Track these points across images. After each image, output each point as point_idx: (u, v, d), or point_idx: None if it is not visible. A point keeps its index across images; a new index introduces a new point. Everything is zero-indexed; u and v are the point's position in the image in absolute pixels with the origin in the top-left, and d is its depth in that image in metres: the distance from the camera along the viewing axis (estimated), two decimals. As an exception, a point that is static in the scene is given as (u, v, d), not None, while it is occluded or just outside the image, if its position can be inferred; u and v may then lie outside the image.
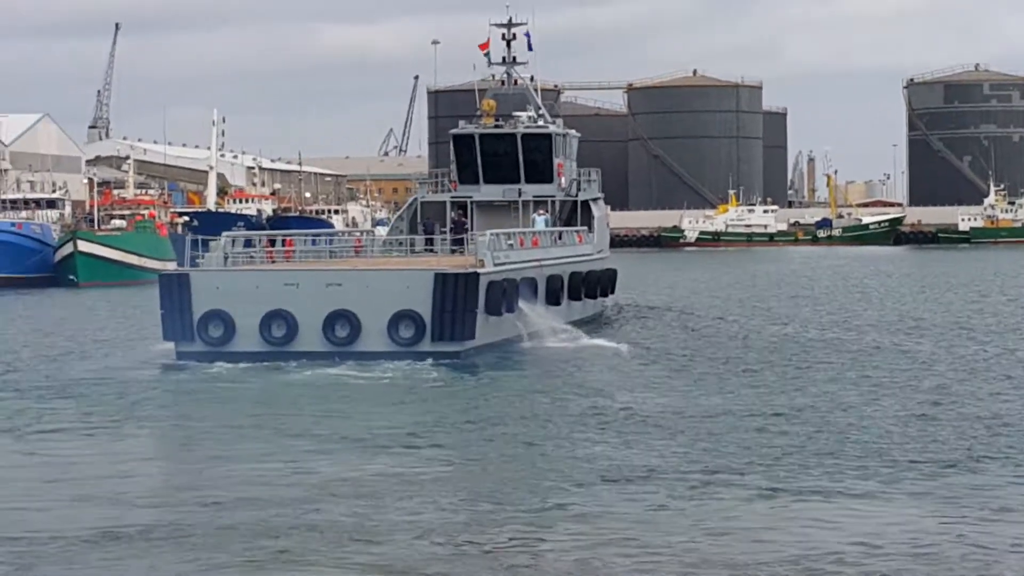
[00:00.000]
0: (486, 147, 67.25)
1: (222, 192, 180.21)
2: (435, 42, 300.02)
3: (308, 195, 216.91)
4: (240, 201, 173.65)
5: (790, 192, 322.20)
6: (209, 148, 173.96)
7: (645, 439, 32.32)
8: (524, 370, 47.35)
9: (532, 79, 73.12)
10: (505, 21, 71.37)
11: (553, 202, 67.90)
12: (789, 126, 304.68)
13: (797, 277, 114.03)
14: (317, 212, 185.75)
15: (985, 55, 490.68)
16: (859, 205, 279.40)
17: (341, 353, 47.02)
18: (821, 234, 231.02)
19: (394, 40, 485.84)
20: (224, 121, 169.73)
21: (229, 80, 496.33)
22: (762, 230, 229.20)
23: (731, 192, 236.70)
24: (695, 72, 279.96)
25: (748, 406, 37.54)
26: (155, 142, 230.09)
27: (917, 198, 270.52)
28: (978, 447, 31.02)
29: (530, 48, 71.66)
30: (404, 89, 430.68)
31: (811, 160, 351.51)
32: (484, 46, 71.29)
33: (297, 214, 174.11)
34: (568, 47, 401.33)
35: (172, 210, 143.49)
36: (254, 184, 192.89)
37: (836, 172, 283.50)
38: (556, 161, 67.80)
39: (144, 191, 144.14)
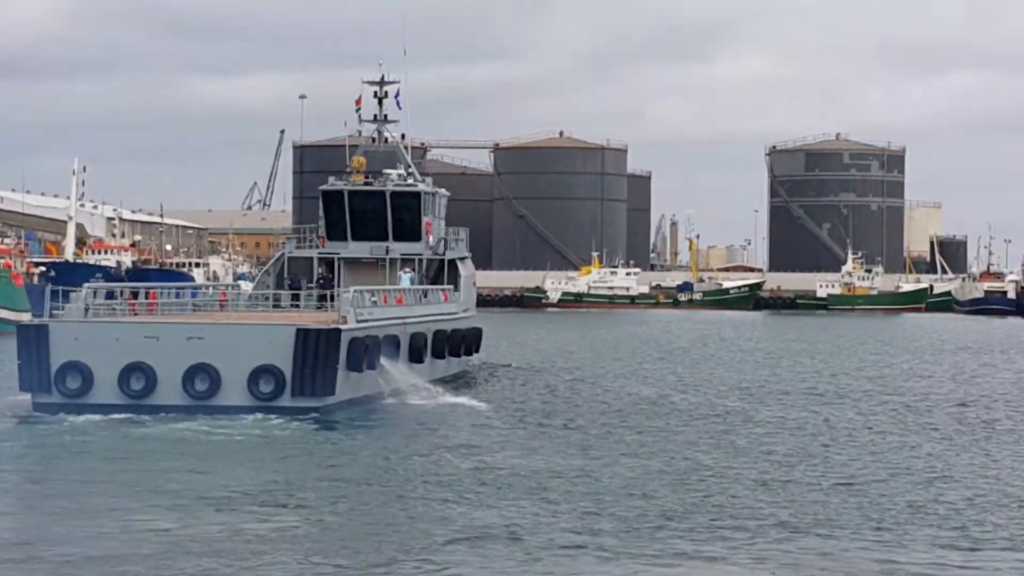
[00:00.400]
0: (355, 204, 67.49)
1: (81, 242, 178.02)
2: (302, 96, 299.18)
3: (169, 247, 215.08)
4: (99, 252, 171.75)
5: (652, 255, 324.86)
6: (68, 197, 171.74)
7: (500, 499, 32.23)
8: (382, 427, 47.23)
9: (403, 137, 73.52)
10: (377, 79, 71.72)
11: (420, 260, 68.18)
12: (653, 190, 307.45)
13: (656, 340, 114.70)
14: (178, 265, 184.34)
15: (846, 124, 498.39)
16: (720, 270, 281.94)
17: (201, 407, 46.74)
18: (682, 297, 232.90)
19: (261, 93, 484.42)
20: (84, 170, 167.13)
21: (92, 129, 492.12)
22: (624, 292, 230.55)
23: (594, 254, 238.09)
24: (561, 133, 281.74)
25: (605, 467, 37.60)
26: (13, 190, 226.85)
27: (777, 264, 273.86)
28: (827, 511, 31.30)
29: (399, 107, 72.27)
30: (269, 143, 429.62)
31: (674, 224, 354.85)
32: (357, 102, 71.56)
33: (157, 266, 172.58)
34: (436, 105, 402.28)
35: (29, 260, 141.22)
36: (114, 235, 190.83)
37: (698, 236, 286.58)
38: (425, 219, 68.17)
39: (0, 240, 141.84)
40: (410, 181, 69.31)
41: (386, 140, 72.33)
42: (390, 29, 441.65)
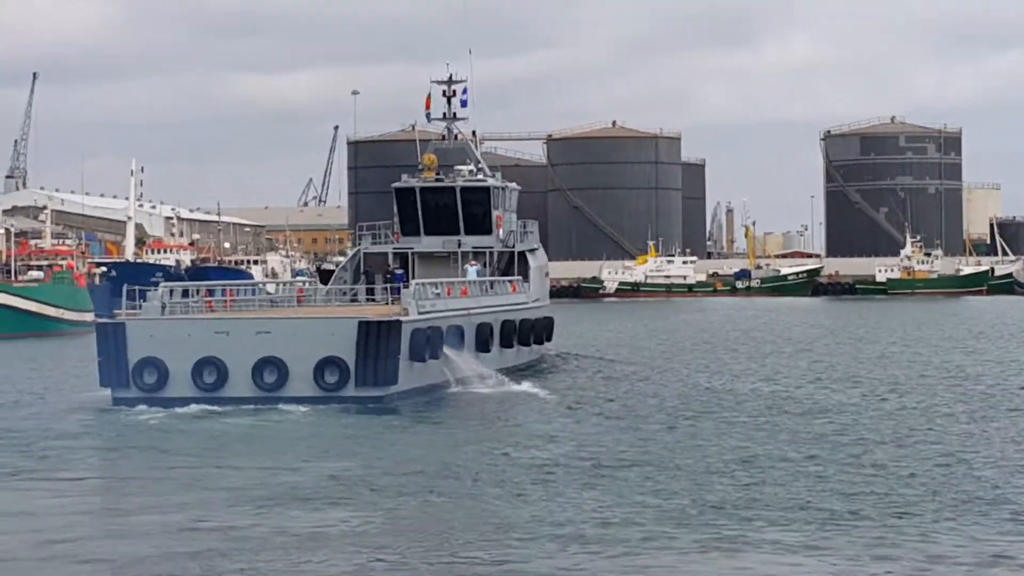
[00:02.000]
0: (427, 200, 69.42)
1: (140, 242, 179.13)
2: (355, 92, 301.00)
3: (227, 245, 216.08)
4: (158, 251, 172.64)
5: (709, 243, 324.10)
6: (127, 198, 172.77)
7: (562, 489, 32.22)
8: (445, 415, 48.14)
9: (474, 134, 75.88)
10: (445, 79, 73.02)
11: (491, 253, 70.22)
12: (707, 177, 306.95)
13: (720, 327, 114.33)
14: (236, 262, 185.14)
15: (898, 107, 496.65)
16: (777, 256, 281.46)
17: (270, 398, 48.51)
18: (740, 285, 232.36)
19: (313, 90, 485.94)
20: (143, 171, 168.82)
21: (147, 129, 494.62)
22: (681, 281, 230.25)
23: (650, 243, 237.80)
24: (614, 123, 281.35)
25: (667, 455, 37.59)
26: (73, 192, 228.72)
27: (834, 249, 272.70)
28: (904, 498, 31.13)
29: (464, 104, 73.41)
30: (324, 139, 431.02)
31: (729, 211, 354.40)
32: (427, 101, 72.93)
33: (216, 264, 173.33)
34: (487, 98, 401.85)
35: (90, 260, 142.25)
36: (172, 234, 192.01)
37: (754, 223, 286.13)
38: (495, 213, 70.07)
39: (61, 241, 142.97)
40: (480, 176, 70.99)
41: (456, 137, 73.46)
42: (437, 22, 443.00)
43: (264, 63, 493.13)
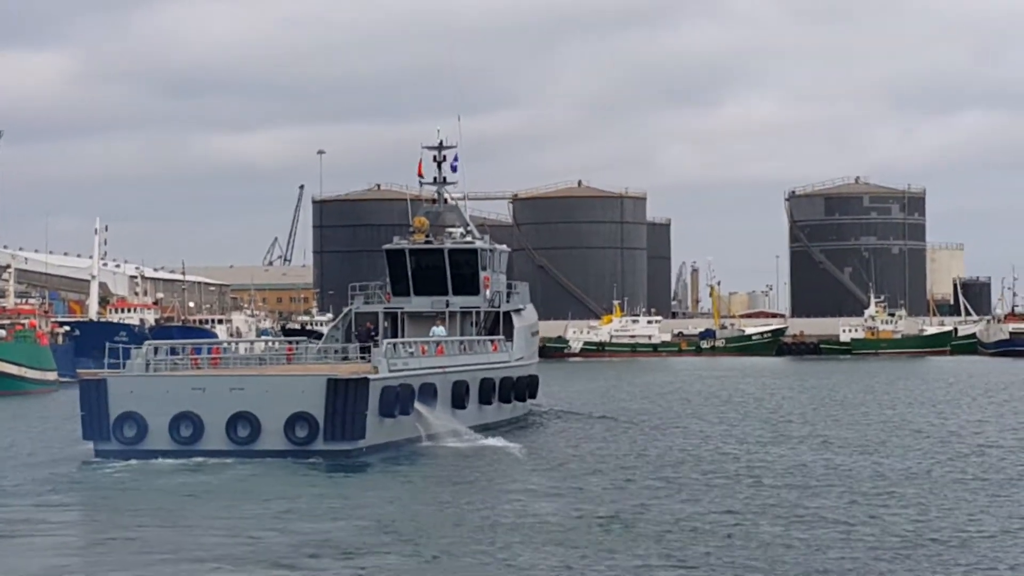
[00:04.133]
0: (416, 261, 72.06)
1: (104, 301, 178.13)
2: (320, 152, 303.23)
3: (191, 304, 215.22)
4: (122, 311, 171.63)
5: (674, 303, 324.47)
6: (91, 257, 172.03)
7: (528, 548, 32.00)
8: (412, 468, 49.94)
9: (464, 197, 78.80)
10: (436, 145, 76.30)
11: (477, 312, 72.65)
12: (672, 237, 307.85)
13: (686, 387, 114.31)
14: (201, 321, 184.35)
15: (861, 166, 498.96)
16: (742, 316, 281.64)
17: (243, 451, 50.73)
18: (705, 344, 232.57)
19: (276, 149, 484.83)
20: (107, 230, 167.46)
21: (111, 187, 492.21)
22: (646, 340, 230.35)
23: (615, 302, 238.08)
24: (580, 183, 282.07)
25: (634, 512, 37.56)
26: (36, 251, 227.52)
27: (799, 309, 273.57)
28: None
29: (454, 169, 76.71)
30: (288, 198, 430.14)
31: (695, 271, 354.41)
32: (419, 168, 76.26)
33: (180, 324, 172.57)
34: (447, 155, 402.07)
35: (53, 320, 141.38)
36: (136, 293, 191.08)
37: (719, 283, 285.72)
38: (483, 274, 72.73)
39: (24, 300, 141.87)
40: (468, 239, 73.84)
41: (445, 200, 76.86)
42: (403, 83, 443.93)
43: (226, 121, 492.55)
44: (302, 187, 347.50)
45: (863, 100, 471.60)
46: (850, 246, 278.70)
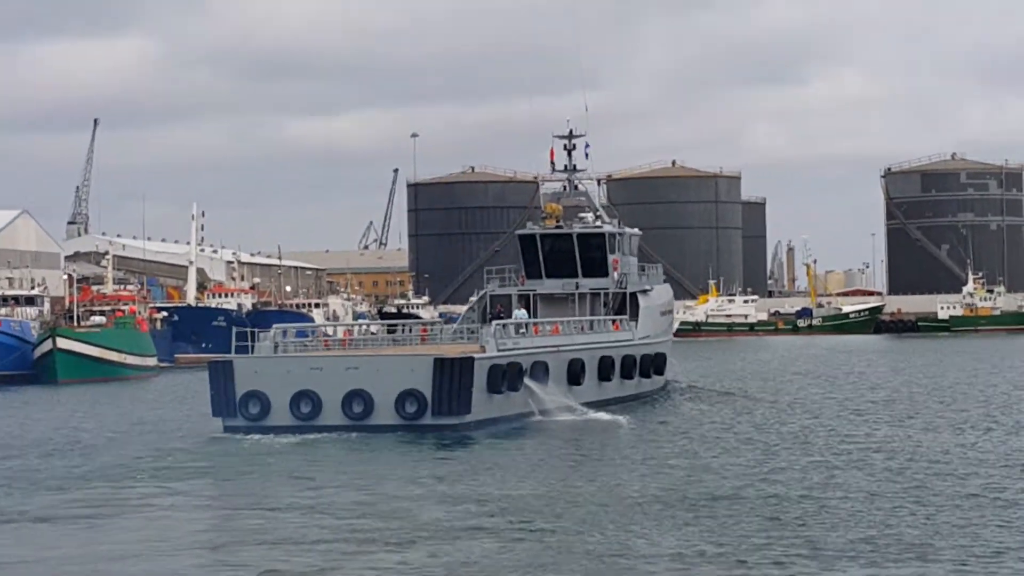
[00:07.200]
0: (547, 245, 75.63)
1: (201, 287, 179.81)
2: (414, 135, 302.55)
3: (288, 289, 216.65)
4: (219, 296, 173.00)
5: (770, 282, 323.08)
6: (188, 243, 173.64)
7: (633, 522, 32.04)
8: (517, 441, 52.50)
9: (599, 182, 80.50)
10: (566, 134, 79.87)
11: (606, 293, 75.59)
12: (768, 216, 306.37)
13: (787, 364, 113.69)
14: (297, 306, 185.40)
15: (953, 142, 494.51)
16: (839, 294, 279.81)
17: (357, 426, 54.45)
18: (801, 323, 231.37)
19: (369, 131, 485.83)
20: (203, 215, 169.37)
21: (207, 173, 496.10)
22: (742, 320, 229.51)
23: (711, 282, 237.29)
24: (674, 163, 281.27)
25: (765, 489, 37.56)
26: (134, 237, 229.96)
27: (896, 287, 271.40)
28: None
29: (587, 157, 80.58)
30: (382, 181, 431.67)
31: (790, 249, 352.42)
32: (552, 154, 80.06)
33: (277, 308, 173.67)
34: (538, 139, 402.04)
35: (151, 305, 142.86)
36: (233, 278, 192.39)
37: (815, 261, 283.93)
38: (611, 257, 76.00)
39: (123, 287, 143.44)
40: (597, 223, 77.69)
41: (575, 187, 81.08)
42: (487, 59, 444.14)
43: (314, 105, 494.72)
44: (396, 171, 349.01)
45: (951, 74, 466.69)
46: (947, 223, 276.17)
